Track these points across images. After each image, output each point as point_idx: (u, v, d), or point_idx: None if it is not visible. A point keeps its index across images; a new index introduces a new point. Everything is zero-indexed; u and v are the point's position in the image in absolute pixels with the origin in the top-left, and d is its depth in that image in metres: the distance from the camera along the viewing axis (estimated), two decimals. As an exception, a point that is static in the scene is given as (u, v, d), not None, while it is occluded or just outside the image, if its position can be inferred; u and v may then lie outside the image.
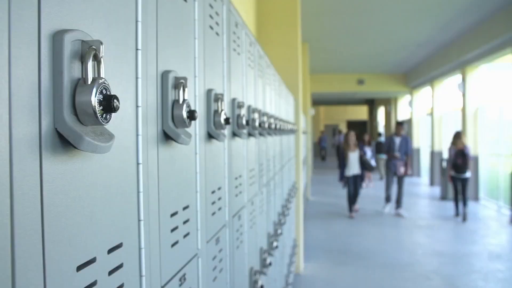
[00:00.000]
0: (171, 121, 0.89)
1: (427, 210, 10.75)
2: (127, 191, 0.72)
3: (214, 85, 1.33)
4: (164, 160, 0.89)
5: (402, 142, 9.82)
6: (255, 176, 2.17)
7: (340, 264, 6.39)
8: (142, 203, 0.76)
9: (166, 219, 0.90)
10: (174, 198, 0.96)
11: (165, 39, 0.91)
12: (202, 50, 1.20)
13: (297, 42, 6.14)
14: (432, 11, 9.08)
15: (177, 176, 0.98)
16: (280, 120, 3.49)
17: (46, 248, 0.50)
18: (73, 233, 0.56)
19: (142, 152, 0.77)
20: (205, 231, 1.20)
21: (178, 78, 0.91)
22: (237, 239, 1.68)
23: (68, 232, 0.54)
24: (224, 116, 1.27)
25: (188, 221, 1.05)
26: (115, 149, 0.67)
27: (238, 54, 1.75)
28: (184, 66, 1.05)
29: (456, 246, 7.28)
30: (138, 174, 0.76)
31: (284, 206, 3.91)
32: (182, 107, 0.90)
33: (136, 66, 0.75)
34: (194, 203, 1.11)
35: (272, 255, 2.73)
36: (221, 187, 1.42)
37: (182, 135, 0.90)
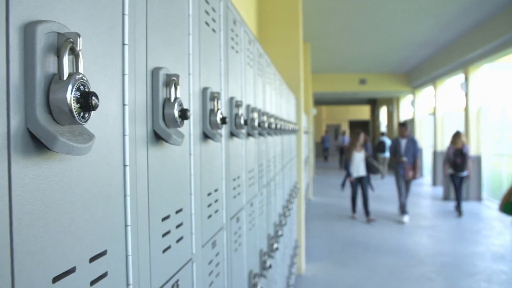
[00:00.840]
0: (162, 121, 0.85)
1: (430, 211, 10.68)
2: (112, 195, 0.67)
3: (211, 83, 1.29)
4: (155, 161, 0.85)
5: (408, 144, 9.33)
6: (254, 177, 2.13)
7: (342, 264, 6.34)
8: (129, 208, 0.72)
9: (157, 224, 0.86)
10: (166, 201, 0.91)
11: (156, 35, 0.86)
12: (197, 47, 1.15)
13: (299, 41, 6.09)
14: (434, 10, 9.02)
15: (170, 178, 0.94)
16: (281, 119, 3.44)
17: (16, 260, 0.45)
18: (49, 242, 0.51)
19: (129, 153, 0.72)
20: (200, 234, 1.16)
21: (169, 75, 0.87)
22: (235, 242, 1.64)
23: (42, 241, 0.50)
24: (220, 116, 1.23)
25: (181, 225, 1.00)
26: (98, 150, 0.63)
27: (236, 52, 1.71)
28: (178, 64, 1.00)
29: (459, 246, 7.22)
30: (124, 176, 0.71)
31: (285, 207, 3.87)
32: (174, 106, 0.85)
33: (122, 62, 0.71)
34: (188, 206, 1.07)
35: (273, 257, 2.69)
36: (218, 189, 1.37)
37: (173, 135, 0.85)
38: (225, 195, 1.46)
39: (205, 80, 1.23)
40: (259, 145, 2.33)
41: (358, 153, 9.19)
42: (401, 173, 9.27)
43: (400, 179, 9.31)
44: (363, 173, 9.21)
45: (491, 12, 9.08)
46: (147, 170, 0.81)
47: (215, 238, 1.32)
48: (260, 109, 2.29)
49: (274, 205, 3.06)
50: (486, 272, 5.92)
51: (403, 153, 9.29)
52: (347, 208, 10.69)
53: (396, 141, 9.58)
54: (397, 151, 9.41)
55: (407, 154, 9.23)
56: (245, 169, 1.86)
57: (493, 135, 11.91)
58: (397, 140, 9.56)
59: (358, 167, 9.18)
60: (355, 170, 9.18)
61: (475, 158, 11.45)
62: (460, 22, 9.85)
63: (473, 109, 11.54)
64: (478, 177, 11.40)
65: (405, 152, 9.27)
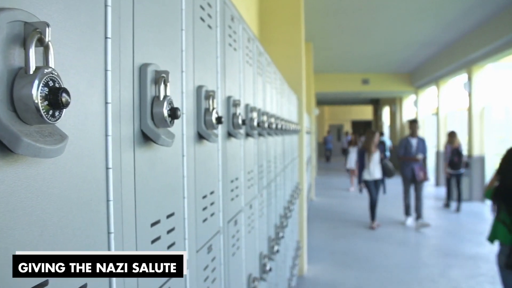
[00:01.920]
0: (151, 120, 0.80)
1: (433, 211, 10.60)
2: (93, 200, 0.62)
3: (206, 81, 1.24)
4: (143, 163, 0.80)
5: (419, 144, 8.67)
6: (253, 178, 2.08)
7: (344, 265, 6.28)
8: (112, 213, 0.67)
9: (145, 230, 0.81)
10: (156, 206, 0.86)
11: (145, 29, 0.81)
12: (191, 43, 1.10)
13: (300, 40, 6.04)
14: (437, 10, 8.95)
15: (160, 181, 0.89)
16: (282, 119, 3.39)
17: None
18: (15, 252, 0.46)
19: (112, 155, 0.67)
20: (194, 239, 1.11)
21: (159, 72, 0.81)
22: (233, 245, 1.59)
23: (7, 253, 0.45)
24: (215, 115, 1.17)
25: (173, 230, 0.95)
26: (76, 152, 0.58)
27: (234, 49, 1.66)
28: (169, 60, 0.95)
29: (462, 247, 7.15)
30: (107, 180, 0.66)
31: (287, 208, 3.82)
32: (163, 104, 0.80)
33: (105, 57, 0.66)
34: (181, 210, 1.01)
35: (273, 260, 2.63)
36: (214, 191, 1.32)
37: (162, 135, 0.80)
38: (222, 197, 1.41)
39: (200, 78, 1.18)
40: (259, 145, 2.27)
41: (373, 154, 8.52)
42: (409, 176, 8.59)
43: (407, 181, 8.68)
44: (378, 176, 8.47)
45: (494, 11, 9.00)
46: (134, 172, 0.76)
47: (211, 242, 1.27)
48: (259, 108, 2.23)
49: (275, 206, 3.01)
50: (490, 274, 5.85)
51: (414, 153, 8.62)
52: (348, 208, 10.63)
53: (406, 140, 8.85)
54: (408, 151, 8.68)
55: (418, 154, 8.60)
56: (244, 170, 1.81)
57: (496, 135, 11.83)
58: (407, 139, 8.84)
59: (373, 169, 8.45)
60: (370, 172, 8.46)
61: (478, 158, 11.38)
62: (463, 21, 9.78)
63: (476, 109, 11.46)
64: (482, 178, 11.32)
65: (416, 152, 8.62)
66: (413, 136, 8.76)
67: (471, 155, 11.48)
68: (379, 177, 8.46)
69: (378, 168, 8.46)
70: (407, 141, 8.75)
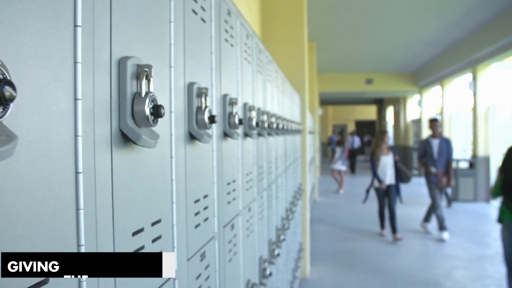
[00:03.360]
0: (131, 119, 0.72)
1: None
2: (58, 209, 0.55)
3: (199, 78, 1.16)
4: (122, 166, 0.72)
5: (441, 145, 7.68)
6: (252, 180, 2.00)
7: (348, 267, 6.19)
8: (83, 224, 0.59)
9: (125, 240, 0.73)
10: (139, 213, 0.79)
11: (125, 19, 0.74)
12: (181, 37, 1.03)
13: (303, 39, 5.96)
14: (442, 9, 8.87)
15: (143, 186, 0.81)
16: (284, 119, 3.31)
17: None
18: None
19: (83, 158, 0.60)
20: (185, 247, 1.04)
21: (141, 66, 0.74)
22: (230, 251, 1.51)
23: None
24: (208, 114, 1.10)
25: (159, 239, 0.88)
26: (34, 154, 0.50)
27: (231, 45, 1.58)
28: (155, 54, 0.88)
29: (468, 249, 7.05)
30: (77, 186, 0.59)
31: (289, 210, 3.74)
32: (145, 102, 0.73)
33: (74, 47, 0.59)
34: (169, 216, 0.94)
35: (274, 264, 2.56)
36: (208, 195, 1.25)
37: (143, 135, 0.72)
38: (216, 201, 1.33)
39: (192, 75, 1.10)
40: (259, 146, 2.20)
41: (385, 156, 7.62)
42: (434, 181, 7.63)
43: (434, 188, 7.66)
44: (391, 181, 7.62)
45: (499, 10, 8.91)
46: (112, 177, 0.68)
47: (204, 249, 1.20)
48: (259, 108, 2.16)
49: (276, 208, 2.93)
50: (496, 276, 5.76)
51: (436, 156, 7.63)
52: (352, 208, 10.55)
53: (426, 142, 7.90)
54: (428, 154, 7.73)
55: (440, 157, 7.62)
56: (242, 172, 1.73)
57: (502, 135, 11.71)
58: (428, 141, 7.89)
59: (385, 174, 7.61)
60: (382, 177, 7.63)
61: (483, 159, 11.28)
62: (468, 20, 9.69)
63: (481, 108, 11.36)
64: (487, 178, 11.21)
65: (438, 155, 7.63)
66: (434, 136, 7.83)
67: (475, 155, 11.37)
68: (392, 182, 7.62)
69: (391, 173, 7.62)
70: (427, 143, 7.87)
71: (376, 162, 7.60)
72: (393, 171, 7.60)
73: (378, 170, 7.57)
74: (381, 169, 7.58)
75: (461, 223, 8.98)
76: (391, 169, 7.59)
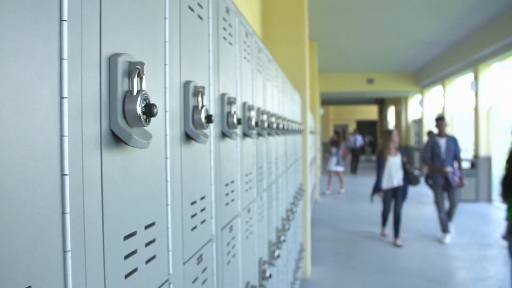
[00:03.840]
0: (122, 118, 0.69)
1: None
2: (42, 213, 0.52)
3: (195, 77, 1.13)
4: (113, 168, 0.70)
5: (449, 144, 7.38)
6: (252, 181, 1.97)
7: (349, 268, 6.16)
8: (69, 228, 0.57)
9: (116, 244, 0.70)
10: (131, 216, 0.76)
11: (116, 14, 0.71)
12: (177, 34, 1.00)
13: (304, 39, 5.93)
14: (443, 8, 8.83)
15: (136, 188, 0.78)
16: (284, 119, 3.29)
17: None
18: None
19: (70, 159, 0.57)
20: (180, 250, 1.01)
21: (133, 63, 0.71)
22: (228, 253, 1.48)
23: None
24: (205, 113, 1.07)
25: (153, 242, 0.85)
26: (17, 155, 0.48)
27: (230, 44, 1.55)
28: (149, 51, 0.85)
29: (469, 250, 7.01)
30: (63, 188, 0.56)
31: (289, 211, 3.71)
32: (137, 101, 0.70)
33: (60, 42, 0.56)
34: (164, 218, 0.91)
35: (274, 265, 2.53)
36: (205, 196, 1.22)
37: (135, 135, 0.70)
38: (214, 202, 1.30)
39: (188, 73, 1.07)
40: (258, 146, 2.17)
41: (393, 157, 7.26)
42: (440, 183, 7.34)
43: (439, 190, 7.41)
44: (399, 182, 7.30)
45: (501, 9, 8.87)
46: (101, 178, 0.66)
47: (201, 252, 1.17)
48: (259, 107, 2.13)
49: (276, 209, 2.91)
50: (498, 277, 5.72)
51: (443, 156, 7.34)
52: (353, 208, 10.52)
53: (433, 141, 7.55)
54: (435, 154, 7.41)
55: (448, 157, 7.34)
56: (241, 173, 1.70)
57: (503, 135, 11.66)
58: (434, 140, 7.54)
59: (392, 175, 7.25)
60: (389, 179, 7.28)
61: (485, 159, 11.24)
62: (469, 19, 9.65)
63: (483, 108, 11.32)
64: (489, 178, 11.18)
65: (446, 155, 7.34)
66: (440, 135, 7.50)
67: (477, 155, 11.33)
68: (400, 184, 7.31)
69: (399, 174, 7.29)
70: (434, 142, 7.51)
71: (383, 164, 7.25)
72: (401, 172, 7.28)
73: (385, 171, 7.22)
74: (388, 171, 7.23)
75: (463, 223, 8.93)
76: (399, 170, 7.26)
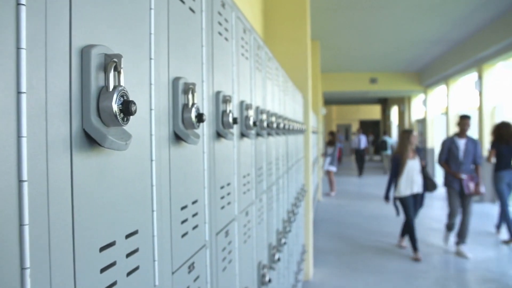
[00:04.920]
0: (96, 117, 0.62)
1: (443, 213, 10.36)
2: None
3: (186, 73, 1.06)
4: (87, 172, 0.62)
5: (468, 146, 6.56)
6: (250, 183, 1.90)
7: (352, 269, 6.09)
8: (28, 242, 0.49)
9: (91, 256, 0.63)
10: (109, 225, 0.69)
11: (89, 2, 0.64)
12: (164, 27, 0.93)
13: (306, 38, 5.86)
14: (447, 7, 8.74)
15: (115, 194, 0.71)
16: (285, 118, 3.22)
17: None
18: None
19: (29, 163, 0.50)
20: (169, 259, 0.94)
21: (109, 56, 0.64)
22: (224, 259, 1.41)
23: None
24: (195, 112, 1.00)
25: (136, 252, 0.78)
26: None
27: (226, 39, 1.48)
28: (130, 44, 0.78)
29: (474, 250, 6.91)
30: (20, 197, 0.49)
31: (291, 212, 3.64)
32: (112, 97, 0.63)
33: (17, 30, 0.49)
34: (149, 226, 0.84)
35: (274, 269, 2.46)
36: (197, 200, 1.15)
37: (110, 136, 0.62)
38: (208, 206, 1.23)
39: (178, 69, 1.00)
40: (257, 146, 2.10)
41: (411, 160, 6.52)
42: (457, 188, 6.57)
43: (454, 195, 6.64)
44: (419, 189, 6.55)
45: (505, 8, 8.78)
46: (71, 185, 0.58)
47: (193, 259, 1.10)
48: (258, 106, 2.06)
49: (277, 211, 2.83)
50: (503, 280, 5.64)
51: (462, 159, 6.55)
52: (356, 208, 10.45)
53: (451, 141, 6.71)
54: (452, 156, 6.62)
55: (466, 160, 6.56)
56: (238, 175, 1.63)
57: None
58: (453, 139, 6.70)
59: (412, 180, 6.48)
60: (408, 185, 6.48)
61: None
62: (473, 18, 9.56)
63: (487, 108, 11.22)
64: (493, 178, 11.05)
65: (464, 158, 6.56)
66: (461, 136, 6.63)
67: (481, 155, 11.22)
68: (419, 191, 6.58)
69: (419, 179, 6.54)
70: (451, 142, 6.67)
71: (401, 168, 6.47)
72: (421, 177, 6.55)
73: (403, 176, 6.43)
74: (406, 176, 6.42)
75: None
76: (418, 175, 6.52)
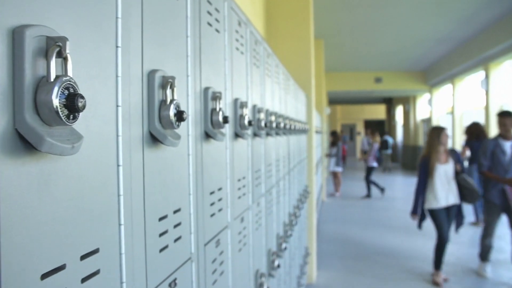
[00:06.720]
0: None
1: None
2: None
3: (166, 66, 0.94)
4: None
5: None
6: (246, 186, 1.77)
7: (356, 272, 5.96)
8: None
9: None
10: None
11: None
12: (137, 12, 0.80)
13: (309, 36, 5.73)
14: (452, 5, 8.61)
15: (66, 207, 0.59)
16: (286, 118, 3.09)
17: None
18: None
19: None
20: (143, 278, 0.81)
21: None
22: (214, 272, 1.29)
23: None
24: (174, 110, 0.87)
25: (96, 274, 0.65)
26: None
27: (217, 31, 1.36)
28: (90, 28, 0.65)
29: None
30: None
31: (293, 215, 3.51)
32: (53, 90, 0.50)
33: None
34: (115, 242, 0.72)
35: (273, 276, 2.34)
36: (180, 209, 1.02)
37: (49, 138, 0.50)
38: (194, 215, 1.10)
39: (154, 61, 0.88)
40: (254, 147, 1.97)
41: (443, 165, 5.29)
42: (497, 202, 5.40)
43: (493, 209, 5.48)
44: (454, 200, 5.30)
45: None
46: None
47: (175, 276, 0.97)
48: (255, 104, 1.93)
49: (277, 215, 2.71)
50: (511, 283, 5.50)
51: (506, 165, 5.36)
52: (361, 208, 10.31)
53: (494, 143, 5.52)
54: (497, 162, 5.41)
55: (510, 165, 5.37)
56: (231, 178, 1.51)
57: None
58: (497, 141, 5.51)
59: (444, 190, 5.27)
60: (441, 195, 5.26)
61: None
62: (479, 16, 9.42)
63: (494, 107, 11.04)
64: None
65: (509, 164, 5.35)
66: (506, 138, 5.47)
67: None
68: (456, 202, 5.32)
69: (454, 188, 5.30)
70: (496, 144, 5.48)
71: (430, 173, 5.30)
72: (456, 185, 5.32)
73: (433, 185, 5.27)
74: (436, 183, 5.25)
75: (473, 225, 8.70)
76: (453, 182, 5.30)
